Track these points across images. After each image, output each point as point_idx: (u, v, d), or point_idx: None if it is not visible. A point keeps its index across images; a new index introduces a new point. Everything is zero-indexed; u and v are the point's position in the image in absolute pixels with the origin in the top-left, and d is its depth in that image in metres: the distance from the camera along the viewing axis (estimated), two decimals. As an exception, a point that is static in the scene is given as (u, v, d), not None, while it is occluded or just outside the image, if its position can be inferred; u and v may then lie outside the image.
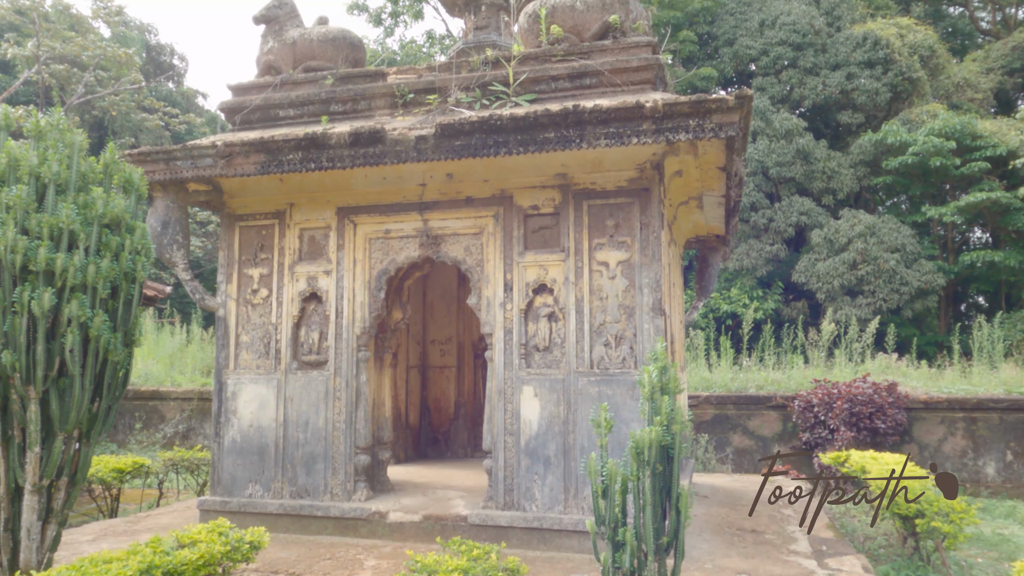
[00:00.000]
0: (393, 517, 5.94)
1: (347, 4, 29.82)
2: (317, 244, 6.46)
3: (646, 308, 5.63)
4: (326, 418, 6.23)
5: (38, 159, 4.35)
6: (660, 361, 3.73)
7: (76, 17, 32.06)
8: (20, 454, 4.34)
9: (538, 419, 5.77)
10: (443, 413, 9.37)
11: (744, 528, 6.54)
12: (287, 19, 6.91)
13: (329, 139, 5.71)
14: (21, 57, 26.52)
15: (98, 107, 30.03)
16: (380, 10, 30.31)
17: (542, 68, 6.06)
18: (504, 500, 5.78)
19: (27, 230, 4.25)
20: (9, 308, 4.20)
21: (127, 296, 4.67)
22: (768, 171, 20.84)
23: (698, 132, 5.07)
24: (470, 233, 6.11)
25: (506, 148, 5.39)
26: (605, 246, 5.78)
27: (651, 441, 3.56)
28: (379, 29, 30.69)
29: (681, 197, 7.06)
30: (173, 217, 6.30)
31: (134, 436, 13.94)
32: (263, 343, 6.47)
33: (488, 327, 5.98)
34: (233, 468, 6.39)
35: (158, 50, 39.70)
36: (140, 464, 8.13)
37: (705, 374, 13.28)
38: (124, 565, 3.90)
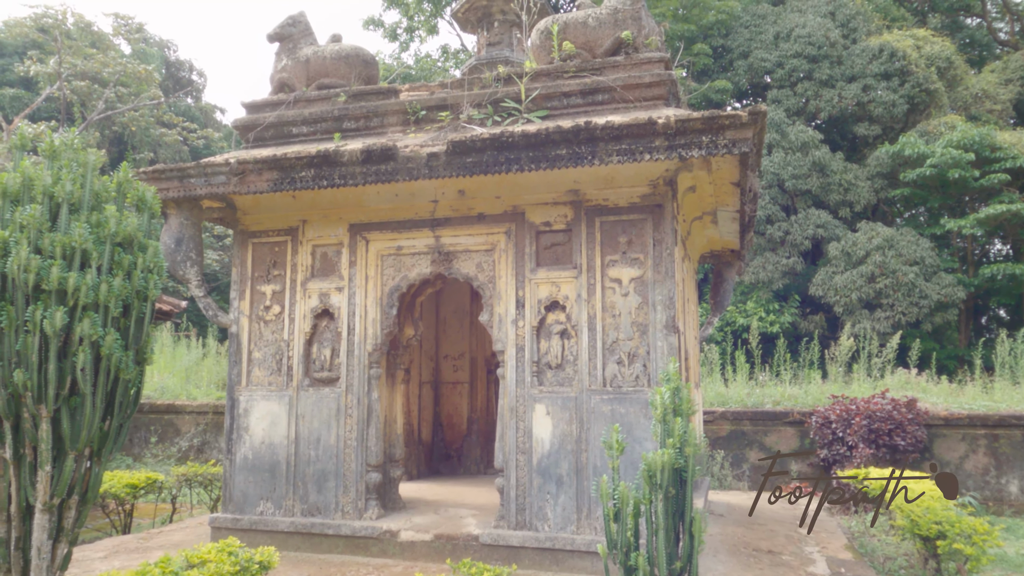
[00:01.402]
0: (404, 536, 5.89)
1: (363, 20, 30.10)
2: (329, 261, 6.47)
3: (659, 325, 5.57)
4: (337, 435, 6.20)
5: (52, 178, 4.38)
6: (673, 382, 3.68)
7: (97, 34, 32.57)
8: (31, 473, 4.34)
9: (550, 437, 5.71)
10: (456, 429, 9.32)
11: (760, 549, 6.43)
12: (301, 37, 6.95)
13: (341, 156, 5.72)
14: (43, 74, 26.94)
15: (118, 123, 30.42)
16: (395, 25, 30.56)
17: (554, 84, 6.05)
18: (516, 520, 5.71)
19: (40, 249, 4.27)
20: (22, 327, 4.21)
21: (139, 314, 4.68)
22: (784, 184, 20.71)
23: (711, 148, 5.02)
24: (482, 250, 6.09)
25: (518, 165, 5.37)
26: (618, 263, 5.73)
27: (663, 464, 3.50)
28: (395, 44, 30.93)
29: (695, 212, 7.01)
30: (187, 234, 6.33)
31: (149, 450, 14.00)
32: (275, 360, 6.46)
33: (500, 344, 5.94)
34: (244, 485, 6.38)
35: (177, 66, 40.25)
36: (154, 480, 8.14)
37: (721, 389, 13.15)
38: (133, 586, 3.88)
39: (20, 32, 32.85)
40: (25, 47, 31.58)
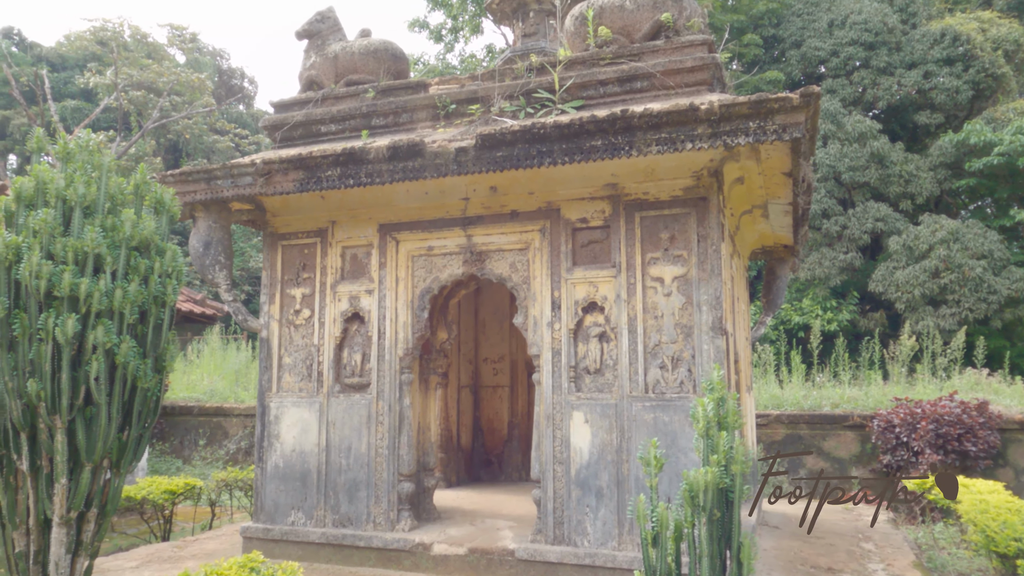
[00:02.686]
0: (437, 549, 5.63)
1: (408, 22, 30.10)
2: (359, 262, 6.25)
3: (705, 327, 5.19)
4: (368, 443, 5.98)
5: (65, 181, 4.25)
6: (717, 391, 3.32)
7: (152, 45, 33.37)
8: (48, 485, 4.21)
9: (589, 447, 5.38)
10: (496, 435, 9.04)
11: (819, 566, 5.98)
12: (329, 33, 6.77)
13: (367, 154, 5.49)
14: (102, 85, 27.66)
15: (173, 131, 31.11)
16: (440, 26, 30.47)
17: (589, 72, 5.72)
18: (553, 534, 5.40)
19: (52, 254, 4.14)
20: (35, 335, 4.08)
21: (157, 320, 4.52)
22: (840, 176, 19.87)
23: (759, 135, 4.63)
24: (515, 249, 5.79)
25: (550, 158, 5.06)
26: (659, 260, 5.37)
27: (707, 484, 3.14)
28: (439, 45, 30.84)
29: (744, 206, 6.58)
30: (215, 237, 6.19)
31: (198, 452, 14.09)
32: (305, 365, 6.28)
33: (535, 348, 5.64)
34: (276, 494, 6.21)
35: (229, 74, 41.05)
36: (192, 485, 8.07)
37: (775, 391, 12.58)
38: (145, 606, 3.70)
39: (80, 46, 33.90)
40: (85, 60, 32.58)
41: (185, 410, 14.86)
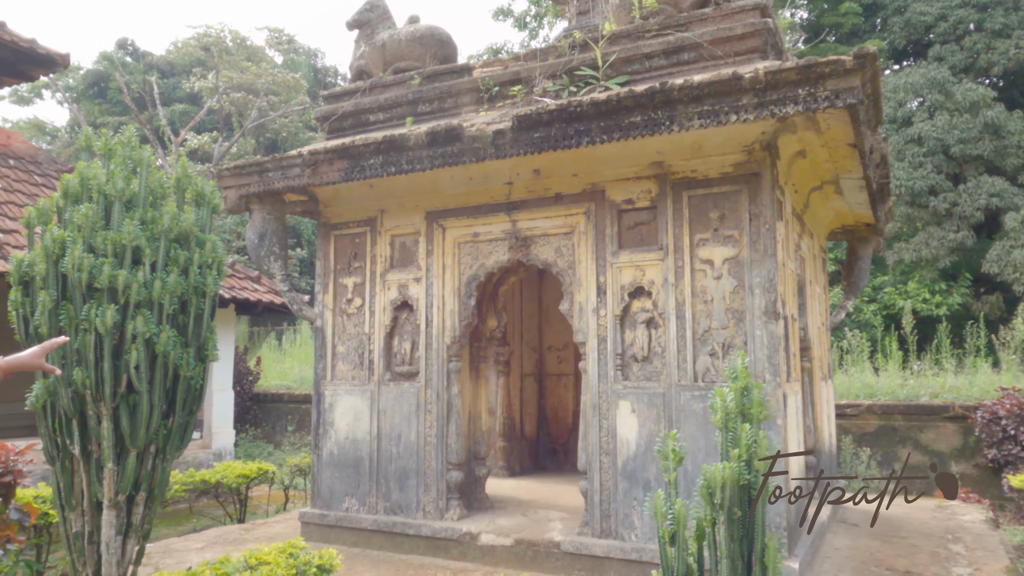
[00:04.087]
0: (484, 539, 5.56)
1: (492, 11, 30.09)
2: (407, 251, 6.24)
3: (758, 311, 4.86)
4: (418, 432, 5.97)
5: (105, 177, 4.39)
6: (741, 380, 3.06)
7: (251, 48, 34.81)
8: (98, 469, 4.39)
9: (636, 438, 5.16)
10: (561, 424, 8.89)
11: (895, 568, 5.53)
12: (379, 22, 6.76)
13: (407, 140, 5.44)
14: (206, 89, 29.08)
15: (271, 129, 32.35)
16: (524, 14, 30.31)
17: (634, 46, 5.45)
18: (600, 527, 5.22)
19: (94, 248, 4.29)
20: (80, 325, 4.25)
21: (198, 310, 4.63)
22: (949, 149, 18.44)
23: (810, 103, 4.26)
24: (560, 233, 5.61)
25: (588, 137, 4.85)
26: (709, 242, 5.07)
27: (724, 480, 2.90)
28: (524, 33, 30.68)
29: (812, 182, 6.14)
30: (270, 229, 6.32)
31: (287, 438, 14.63)
32: (357, 353, 6.33)
33: (581, 335, 5.45)
34: (331, 481, 6.30)
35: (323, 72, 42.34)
36: (265, 470, 8.34)
37: (869, 379, 11.82)
38: (176, 589, 3.79)
39: (186, 52, 35.77)
40: (191, 65, 34.35)
41: (276, 397, 15.45)
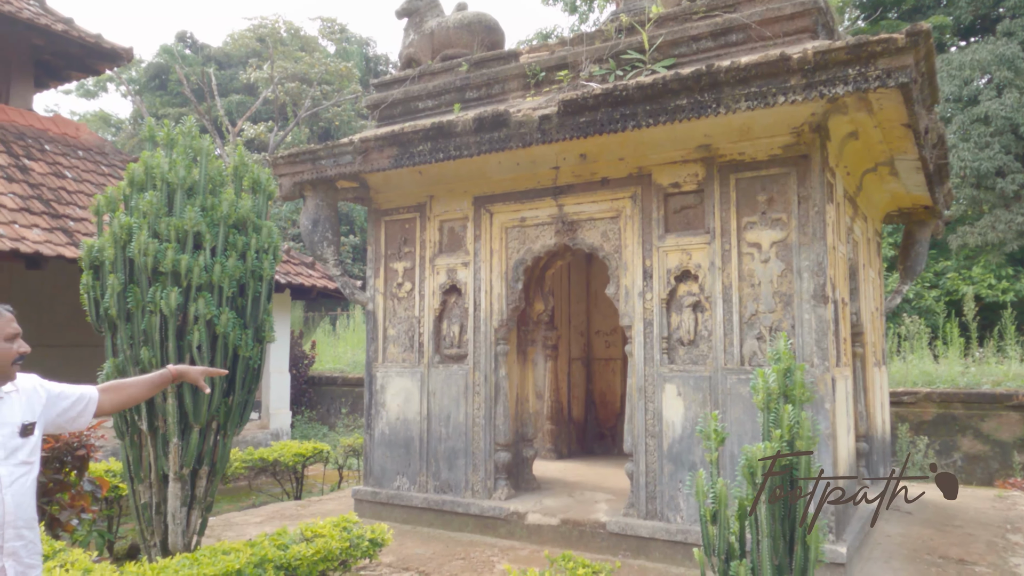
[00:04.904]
0: (531, 519, 5.67)
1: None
2: (456, 236, 6.34)
3: (806, 295, 4.82)
4: (466, 413, 6.10)
5: (168, 166, 4.60)
6: (784, 361, 3.07)
7: (305, 38, 35.39)
8: (164, 444, 4.63)
9: (682, 421, 5.18)
10: (609, 408, 8.93)
11: (948, 556, 5.44)
12: (427, 10, 6.85)
13: (455, 127, 5.53)
14: (261, 79, 29.71)
15: (324, 118, 32.86)
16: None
17: (681, 29, 5.42)
18: (646, 508, 5.27)
19: (158, 233, 4.51)
20: (146, 307, 4.48)
21: (255, 293, 4.82)
22: (1018, 129, 17.69)
23: (860, 82, 4.19)
24: (607, 217, 5.64)
25: (634, 121, 4.86)
26: (756, 225, 5.03)
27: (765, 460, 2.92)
28: (574, 16, 30.46)
29: (866, 164, 6.02)
30: (322, 215, 6.50)
31: (341, 420, 15.01)
32: (408, 336, 6.48)
33: (627, 319, 5.49)
34: (383, 460, 6.49)
35: (375, 60, 42.76)
36: (320, 449, 8.61)
37: (928, 367, 11.53)
38: (237, 557, 3.99)
39: (242, 44, 36.54)
40: (247, 56, 35.09)
41: (330, 380, 15.84)
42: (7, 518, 2.41)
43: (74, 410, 2.76)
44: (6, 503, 2.41)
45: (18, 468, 2.48)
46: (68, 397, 2.75)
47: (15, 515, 2.44)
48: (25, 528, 2.48)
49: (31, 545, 2.51)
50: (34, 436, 2.57)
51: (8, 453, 2.46)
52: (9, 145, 10.01)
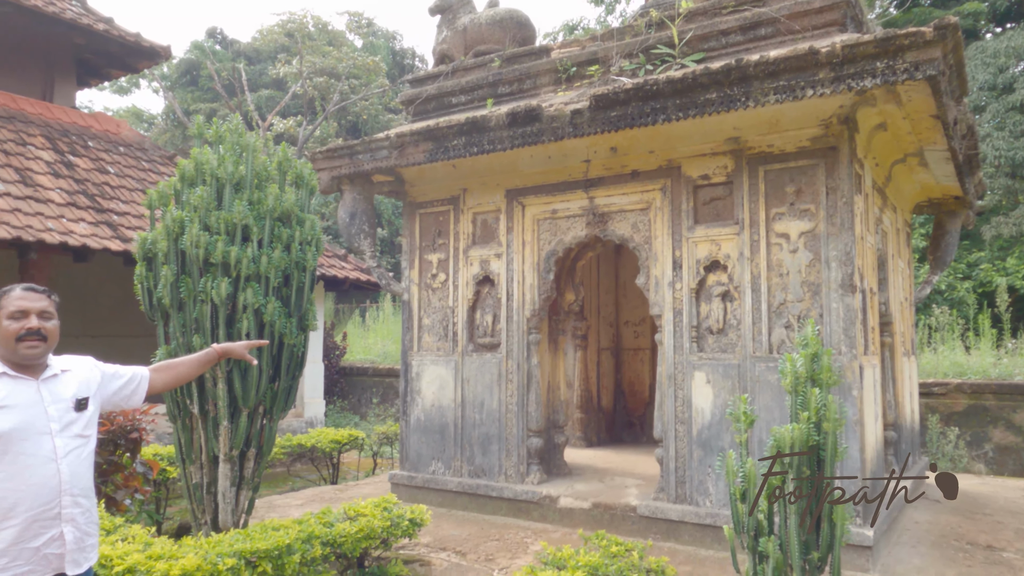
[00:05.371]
0: (563, 503, 5.84)
1: (567, -14, 29.85)
2: (489, 228, 6.51)
3: (834, 284, 4.92)
4: (499, 400, 6.27)
5: (217, 161, 4.82)
6: (811, 347, 3.19)
7: (333, 33, 35.73)
8: (214, 427, 4.86)
9: (711, 407, 5.31)
10: (638, 397, 9.06)
11: (976, 543, 5.51)
12: (460, 7, 7.01)
13: (488, 122, 5.69)
14: (290, 74, 30.10)
15: (352, 112, 33.19)
16: (602, -11, 29.94)
17: (710, 23, 5.51)
18: (676, 493, 5.41)
19: (208, 226, 4.72)
20: (197, 297, 4.70)
21: (299, 284, 5.03)
22: (1054, 116, 17.40)
23: (888, 75, 4.27)
24: (637, 209, 5.77)
25: (664, 115, 4.98)
26: (785, 216, 5.13)
27: (793, 440, 3.05)
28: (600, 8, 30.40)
29: (894, 155, 6.08)
30: (359, 208, 6.70)
31: (372, 409, 15.29)
32: (442, 326, 6.67)
33: (657, 308, 5.62)
34: (418, 445, 6.69)
35: (401, 54, 43.01)
36: (355, 436, 8.86)
37: (959, 358, 11.49)
38: (286, 533, 4.20)
39: (271, 39, 36.98)
40: (276, 52, 35.52)
41: (361, 371, 16.13)
42: (63, 486, 2.59)
43: (128, 388, 2.98)
44: (62, 472, 2.59)
45: (73, 440, 2.66)
46: (122, 376, 2.97)
47: (71, 483, 2.61)
48: (82, 496, 2.66)
49: (88, 513, 2.68)
50: (88, 411, 2.75)
51: (63, 426, 2.64)
52: (55, 142, 10.37)
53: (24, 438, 2.54)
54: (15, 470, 2.51)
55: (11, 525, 2.48)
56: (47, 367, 2.71)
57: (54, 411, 2.64)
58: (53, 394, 2.67)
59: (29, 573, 2.51)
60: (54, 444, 2.60)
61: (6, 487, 2.49)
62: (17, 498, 2.50)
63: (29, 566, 2.51)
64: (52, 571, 2.56)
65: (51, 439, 2.60)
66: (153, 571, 3.57)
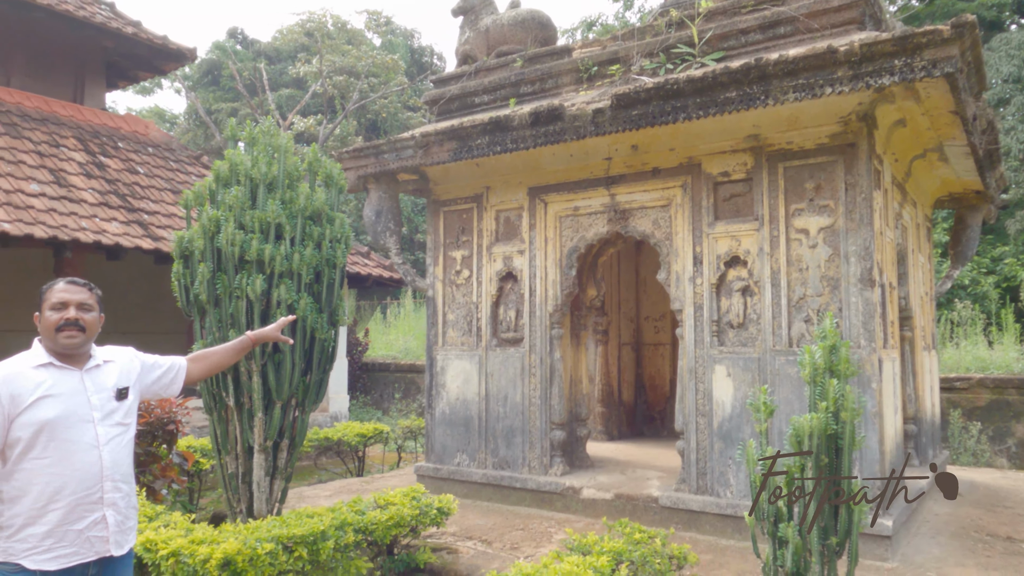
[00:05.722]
0: (586, 494, 5.96)
1: (587, -18, 29.84)
2: (511, 225, 6.64)
3: (853, 279, 5.00)
4: (523, 393, 6.41)
5: (251, 162, 4.99)
6: (829, 339, 3.29)
7: (352, 31, 35.97)
8: (249, 419, 5.04)
9: (731, 400, 5.41)
10: (658, 391, 9.16)
11: (996, 534, 5.57)
12: (482, 8, 7.13)
13: (511, 121, 5.82)
14: (310, 73, 30.37)
15: (371, 110, 33.41)
16: (620, -15, 29.91)
17: (730, 22, 5.60)
18: (697, 484, 5.52)
19: (243, 225, 4.89)
20: (233, 293, 4.88)
21: (329, 280, 5.19)
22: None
23: (906, 73, 4.35)
24: (658, 205, 5.87)
25: (684, 113, 5.08)
26: (804, 212, 5.22)
27: (812, 429, 3.16)
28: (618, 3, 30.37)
29: (914, 150, 6.13)
30: (385, 206, 6.86)
31: (395, 405, 15.49)
32: (466, 321, 6.82)
33: (678, 303, 5.72)
34: (443, 438, 6.85)
35: (420, 52, 43.21)
36: (380, 430, 9.04)
37: (982, 353, 11.46)
38: (320, 520, 4.37)
39: (291, 38, 37.30)
40: (295, 51, 35.83)
41: (383, 367, 16.33)
42: (105, 472, 2.73)
43: (167, 377, 3.15)
44: (103, 459, 2.73)
45: (114, 428, 2.80)
46: (161, 366, 3.14)
47: (112, 469, 2.76)
48: (122, 482, 2.81)
49: (128, 498, 2.83)
50: (128, 400, 2.90)
51: (104, 415, 2.78)
52: (86, 143, 10.64)
53: (68, 426, 2.68)
54: (60, 456, 2.65)
55: (56, 508, 2.62)
56: (90, 357, 2.86)
57: (96, 400, 2.78)
58: (96, 383, 2.82)
59: (74, 555, 2.64)
60: (96, 432, 2.74)
61: (52, 472, 2.63)
62: (62, 483, 2.64)
63: (73, 547, 2.65)
64: (95, 554, 2.70)
65: (93, 427, 2.74)
66: (196, 555, 3.75)
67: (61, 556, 2.63)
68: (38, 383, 2.68)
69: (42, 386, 2.68)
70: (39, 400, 2.65)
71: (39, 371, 2.71)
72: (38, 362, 2.74)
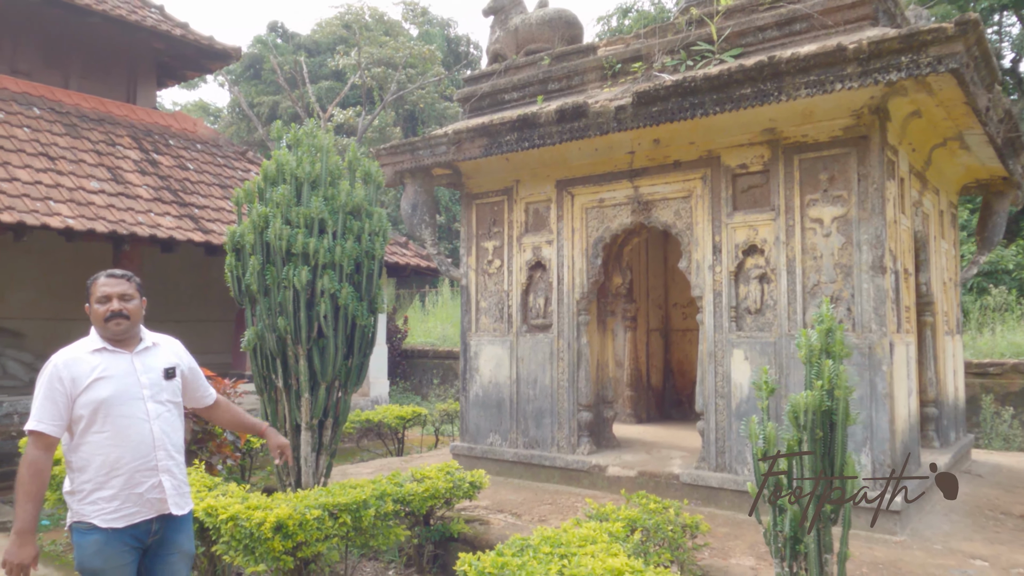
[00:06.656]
0: (611, 471, 6.29)
1: (619, -28, 29.83)
2: (540, 216, 6.96)
3: (865, 266, 5.21)
4: (551, 377, 6.74)
5: (296, 162, 5.39)
6: (826, 323, 3.55)
7: (389, 23, 36.40)
8: (296, 399, 5.47)
9: (748, 383, 5.67)
10: (686, 376, 9.41)
11: (1010, 513, 5.75)
12: (512, 7, 7.43)
13: (539, 118, 6.12)
14: (349, 65, 30.89)
15: (409, 101, 33.84)
16: (653, -28, 29.79)
17: (748, 20, 5.82)
18: (716, 462, 5.80)
19: (289, 220, 5.31)
20: (281, 283, 5.30)
21: (369, 271, 5.59)
22: None
23: (912, 69, 4.54)
24: (679, 197, 6.14)
25: (702, 109, 5.33)
26: (818, 202, 5.44)
27: (807, 405, 3.43)
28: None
29: (933, 139, 6.28)
30: (420, 200, 7.23)
31: (433, 390, 15.97)
32: (498, 308, 7.17)
33: (698, 290, 5.99)
34: (477, 419, 7.23)
35: (456, 42, 43.52)
36: (418, 413, 9.48)
37: (1018, 338, 11.47)
38: (362, 490, 4.78)
39: (330, 31, 37.91)
40: (334, 43, 36.42)
41: (422, 353, 16.81)
42: (157, 442, 3.14)
43: (201, 391, 3.57)
44: (154, 431, 3.14)
45: (162, 405, 3.21)
46: (204, 386, 3.57)
47: (163, 440, 3.16)
48: (174, 451, 3.23)
49: (180, 466, 3.26)
50: (175, 380, 3.31)
51: (154, 392, 3.19)
52: (140, 141, 11.24)
53: (122, 403, 3.10)
54: (116, 430, 3.07)
55: (119, 474, 3.06)
56: (140, 340, 3.27)
57: (146, 379, 3.19)
58: (145, 365, 3.23)
59: (137, 513, 3.09)
60: (146, 408, 3.16)
61: (110, 444, 3.06)
62: (120, 453, 3.06)
63: (136, 507, 3.09)
64: (156, 512, 3.14)
65: (144, 404, 3.15)
66: (252, 519, 4.17)
67: (126, 515, 3.07)
68: (94, 366, 3.09)
69: (97, 368, 3.09)
70: (95, 381, 3.06)
71: (94, 355, 3.13)
72: (93, 347, 3.16)
